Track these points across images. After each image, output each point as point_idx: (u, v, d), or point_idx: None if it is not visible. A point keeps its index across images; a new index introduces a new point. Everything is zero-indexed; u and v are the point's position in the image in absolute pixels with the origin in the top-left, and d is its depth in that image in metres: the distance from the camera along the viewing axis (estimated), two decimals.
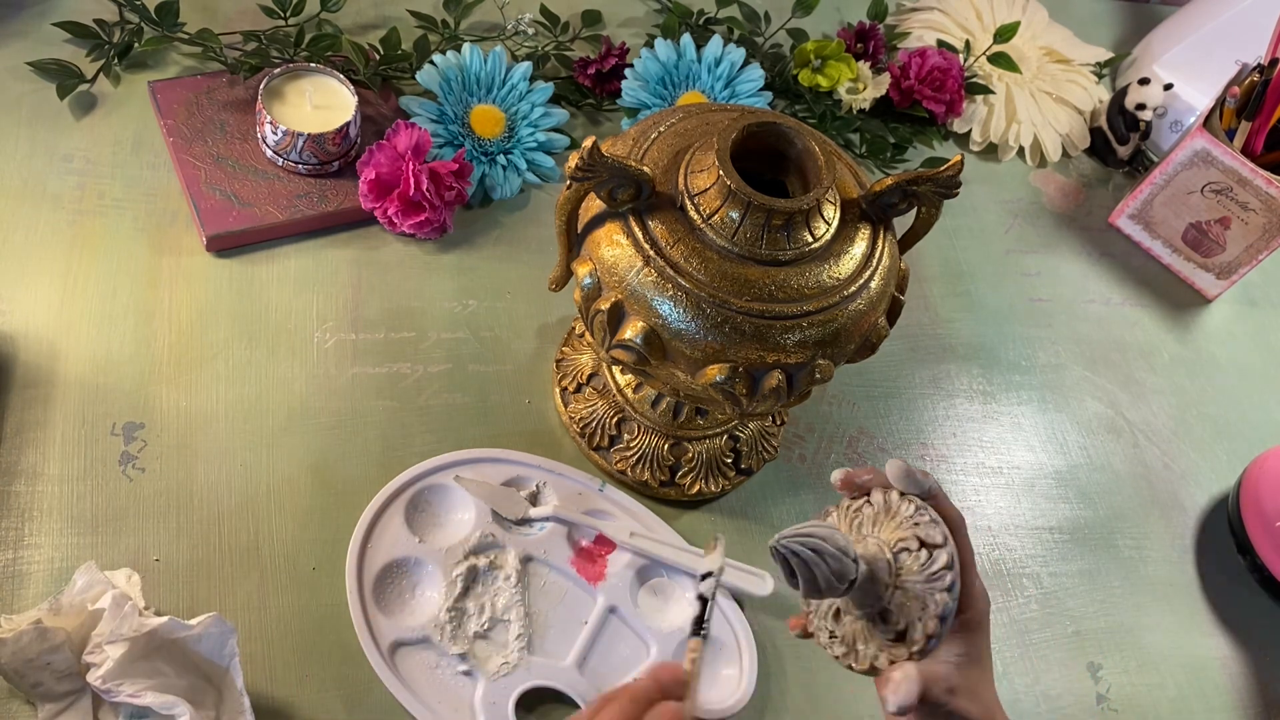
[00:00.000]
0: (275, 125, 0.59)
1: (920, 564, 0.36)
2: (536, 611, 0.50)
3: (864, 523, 0.39)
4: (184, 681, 0.42)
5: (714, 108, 0.49)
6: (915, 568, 0.36)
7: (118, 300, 0.55)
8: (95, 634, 0.41)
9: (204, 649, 0.42)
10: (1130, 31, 0.89)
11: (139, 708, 0.40)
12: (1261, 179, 0.67)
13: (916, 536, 0.37)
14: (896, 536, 0.37)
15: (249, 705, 0.42)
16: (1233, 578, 0.62)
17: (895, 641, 0.37)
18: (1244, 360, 0.72)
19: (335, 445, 0.54)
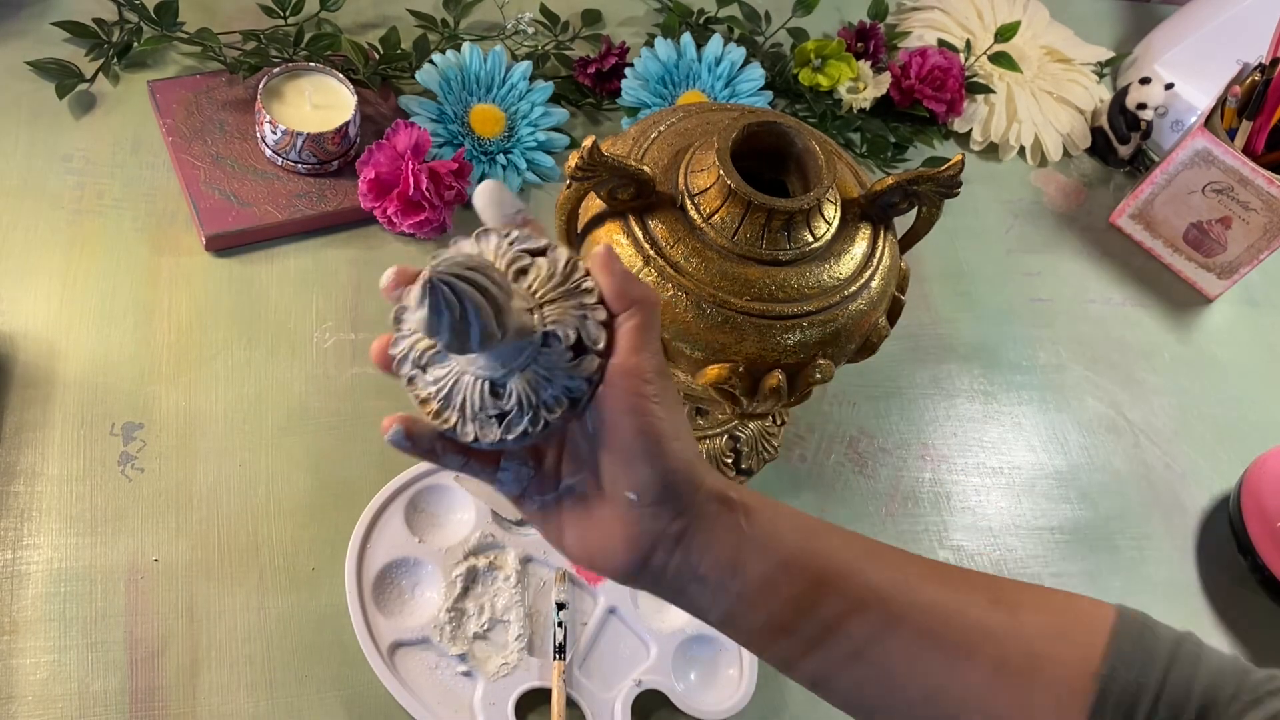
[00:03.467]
0: (275, 125, 0.59)
1: (548, 275, 0.30)
2: (536, 612, 0.50)
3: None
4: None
5: (714, 107, 0.49)
6: (545, 280, 0.30)
7: (117, 300, 0.55)
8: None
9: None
10: (1131, 31, 0.89)
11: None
12: (1262, 178, 0.67)
13: (524, 250, 0.30)
14: (504, 263, 0.30)
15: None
16: (1234, 578, 0.62)
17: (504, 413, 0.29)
18: (1245, 360, 0.72)
19: (335, 445, 0.53)
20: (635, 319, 0.30)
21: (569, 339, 0.29)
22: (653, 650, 0.50)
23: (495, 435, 0.30)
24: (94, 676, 0.45)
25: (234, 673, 0.47)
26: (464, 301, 0.27)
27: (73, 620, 0.46)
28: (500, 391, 0.30)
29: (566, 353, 0.29)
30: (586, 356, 0.30)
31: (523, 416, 0.29)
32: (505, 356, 0.29)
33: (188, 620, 0.47)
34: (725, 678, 0.50)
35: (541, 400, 0.29)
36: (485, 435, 0.30)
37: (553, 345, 0.29)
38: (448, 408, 0.30)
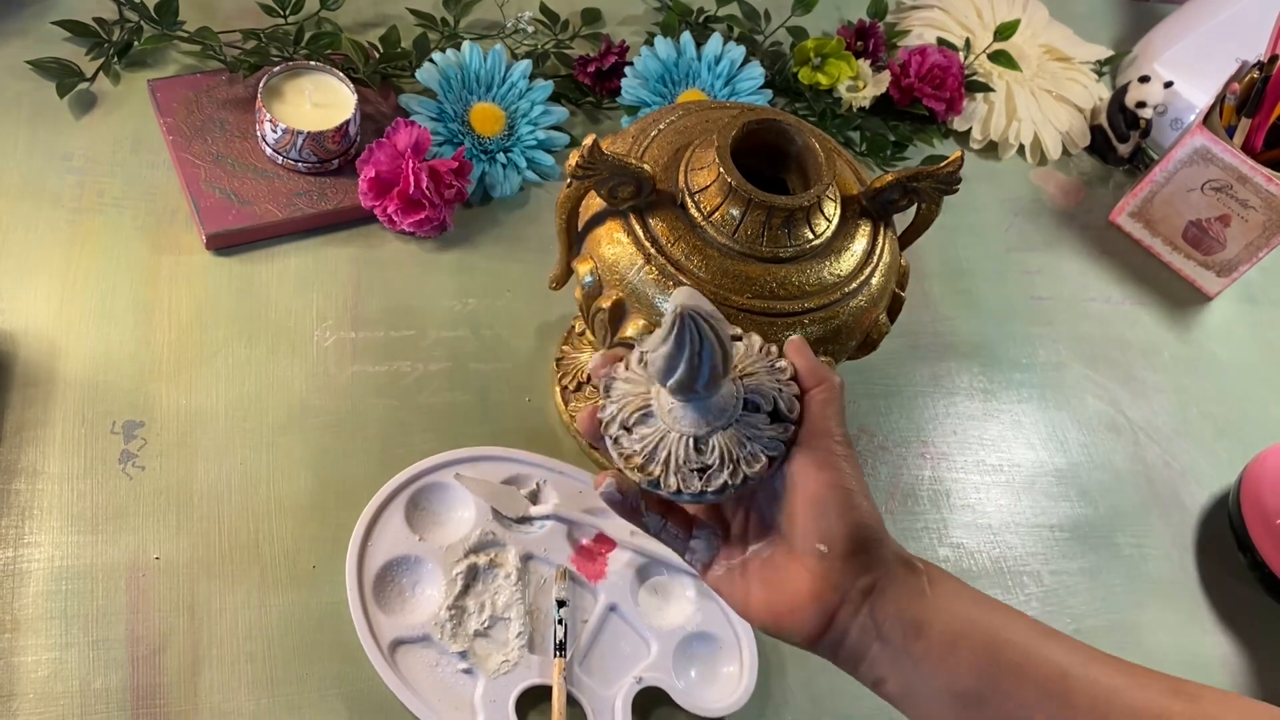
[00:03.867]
0: (275, 123, 0.59)
1: (745, 353, 0.34)
2: (536, 609, 0.50)
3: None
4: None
5: (714, 105, 0.49)
6: (744, 356, 0.34)
7: (117, 298, 0.55)
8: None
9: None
10: (1130, 29, 0.89)
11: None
12: (1261, 176, 0.67)
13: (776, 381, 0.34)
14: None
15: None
16: (1233, 575, 0.62)
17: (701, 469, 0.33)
18: (1244, 358, 0.72)
19: (335, 443, 0.54)
20: (826, 394, 0.33)
21: (767, 405, 0.33)
22: (653, 647, 0.50)
23: (696, 487, 0.33)
24: (95, 674, 0.45)
25: (235, 670, 0.47)
26: (704, 339, 0.31)
27: (74, 618, 0.46)
28: (703, 448, 0.33)
29: (764, 417, 0.33)
30: (781, 423, 0.33)
31: (723, 470, 0.33)
32: (711, 414, 0.33)
33: (189, 618, 0.47)
34: (726, 675, 0.50)
35: (741, 456, 0.33)
36: (687, 487, 0.33)
37: (752, 409, 0.33)
38: (652, 462, 0.33)
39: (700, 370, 0.31)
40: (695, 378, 0.31)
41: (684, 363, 0.31)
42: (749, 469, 0.32)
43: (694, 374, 0.31)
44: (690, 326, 0.30)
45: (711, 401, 0.33)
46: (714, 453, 0.33)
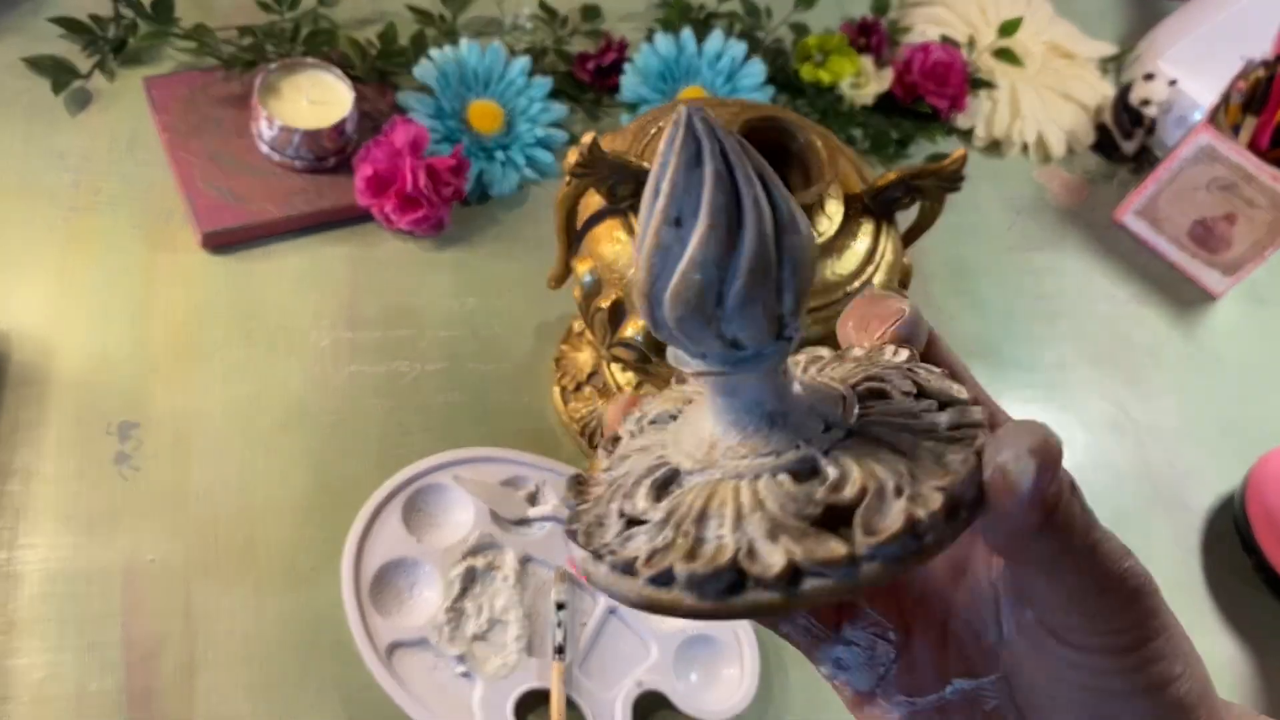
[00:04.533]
0: (271, 121, 0.58)
1: (920, 410, 0.19)
2: (535, 612, 0.50)
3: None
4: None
5: (714, 102, 0.48)
6: (910, 412, 0.19)
7: (113, 298, 0.55)
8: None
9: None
10: (1135, 27, 0.88)
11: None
12: (1267, 175, 0.66)
13: (915, 381, 0.19)
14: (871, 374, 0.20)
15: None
16: (1239, 577, 0.61)
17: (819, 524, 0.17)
18: (1250, 358, 0.72)
19: (332, 444, 0.53)
20: (1042, 453, 0.18)
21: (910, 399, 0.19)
22: (653, 650, 0.49)
23: (824, 554, 0.17)
24: (91, 677, 0.45)
25: (231, 673, 0.46)
26: (738, 165, 0.17)
27: (69, 620, 0.46)
28: (818, 471, 0.18)
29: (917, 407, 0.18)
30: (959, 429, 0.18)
31: (884, 509, 0.17)
32: (792, 411, 0.18)
33: (184, 620, 0.47)
34: (726, 678, 0.50)
35: (903, 483, 0.17)
36: (813, 559, 0.17)
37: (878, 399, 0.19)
38: (711, 527, 0.17)
39: (732, 254, 0.16)
40: (716, 275, 0.16)
41: (694, 233, 0.16)
42: (925, 508, 0.17)
43: (712, 265, 0.16)
44: (706, 131, 0.16)
45: (786, 392, 0.18)
46: (845, 479, 0.17)
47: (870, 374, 0.19)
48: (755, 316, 0.17)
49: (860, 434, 0.18)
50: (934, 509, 0.16)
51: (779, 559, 0.16)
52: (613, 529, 0.18)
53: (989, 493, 0.17)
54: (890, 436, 0.18)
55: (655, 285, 0.17)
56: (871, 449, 0.18)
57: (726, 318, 0.17)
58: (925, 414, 0.18)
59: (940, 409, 0.19)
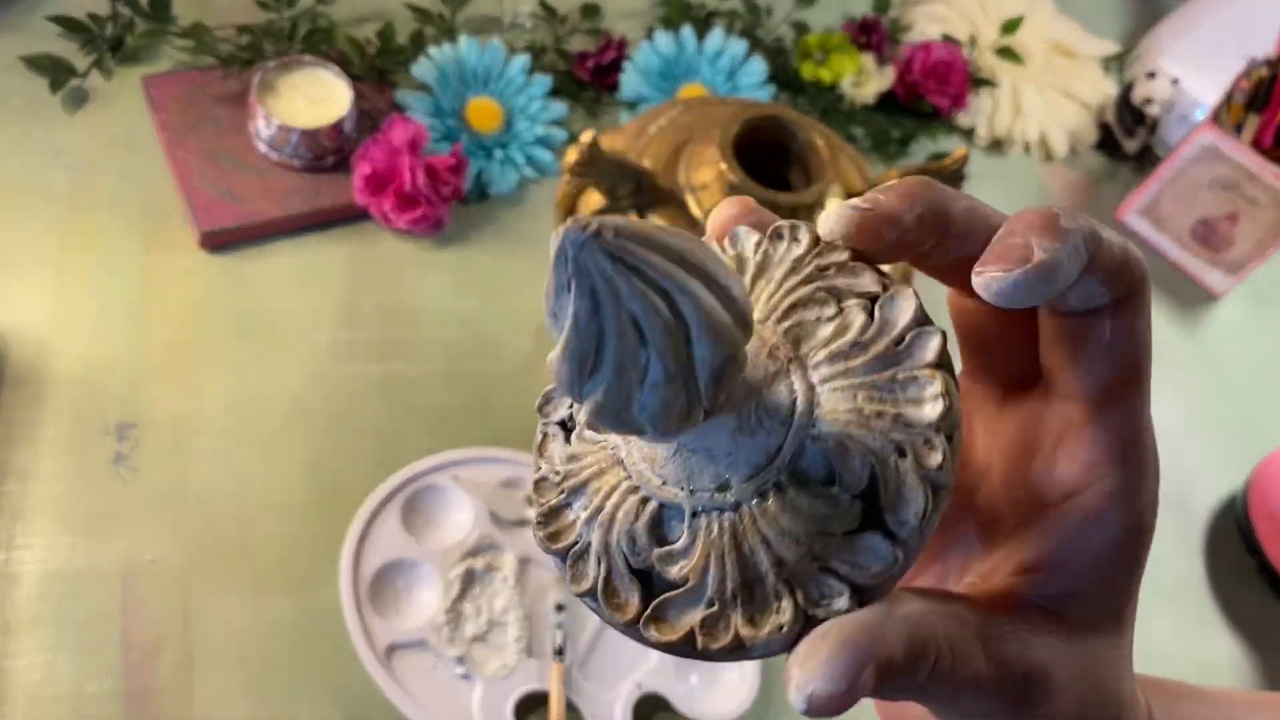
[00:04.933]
0: (269, 119, 0.58)
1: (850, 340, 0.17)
2: (535, 614, 0.49)
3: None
4: None
5: (714, 101, 0.48)
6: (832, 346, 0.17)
7: (110, 297, 0.55)
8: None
9: None
10: (1137, 25, 0.88)
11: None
12: (1270, 174, 0.66)
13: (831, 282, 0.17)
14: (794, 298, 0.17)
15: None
16: (1242, 578, 0.61)
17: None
18: (1252, 358, 0.71)
19: (330, 445, 0.53)
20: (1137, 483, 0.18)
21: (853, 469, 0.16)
22: (653, 652, 0.49)
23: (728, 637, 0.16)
24: (88, 678, 0.45)
25: (229, 675, 0.46)
26: (618, 283, 0.14)
27: (66, 621, 0.46)
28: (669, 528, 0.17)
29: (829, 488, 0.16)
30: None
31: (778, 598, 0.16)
32: (739, 453, 0.16)
33: (182, 622, 0.47)
34: (727, 681, 0.49)
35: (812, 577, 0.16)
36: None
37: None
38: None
39: (645, 374, 0.15)
40: (629, 394, 0.15)
41: (572, 320, 0.14)
42: (716, 640, 0.16)
43: (624, 389, 0.15)
44: (583, 261, 0.14)
45: (723, 429, 0.16)
46: (687, 555, 0.16)
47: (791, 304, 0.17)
48: (673, 424, 0.15)
49: (741, 513, 0.16)
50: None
51: (587, 584, 0.17)
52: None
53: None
54: (773, 537, 0.16)
55: (576, 395, 0.15)
56: (739, 541, 0.16)
57: (647, 426, 0.15)
58: (828, 519, 0.16)
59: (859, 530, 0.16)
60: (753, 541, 0.16)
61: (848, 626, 0.15)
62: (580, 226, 0.13)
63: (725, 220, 0.19)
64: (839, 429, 0.16)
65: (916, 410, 0.16)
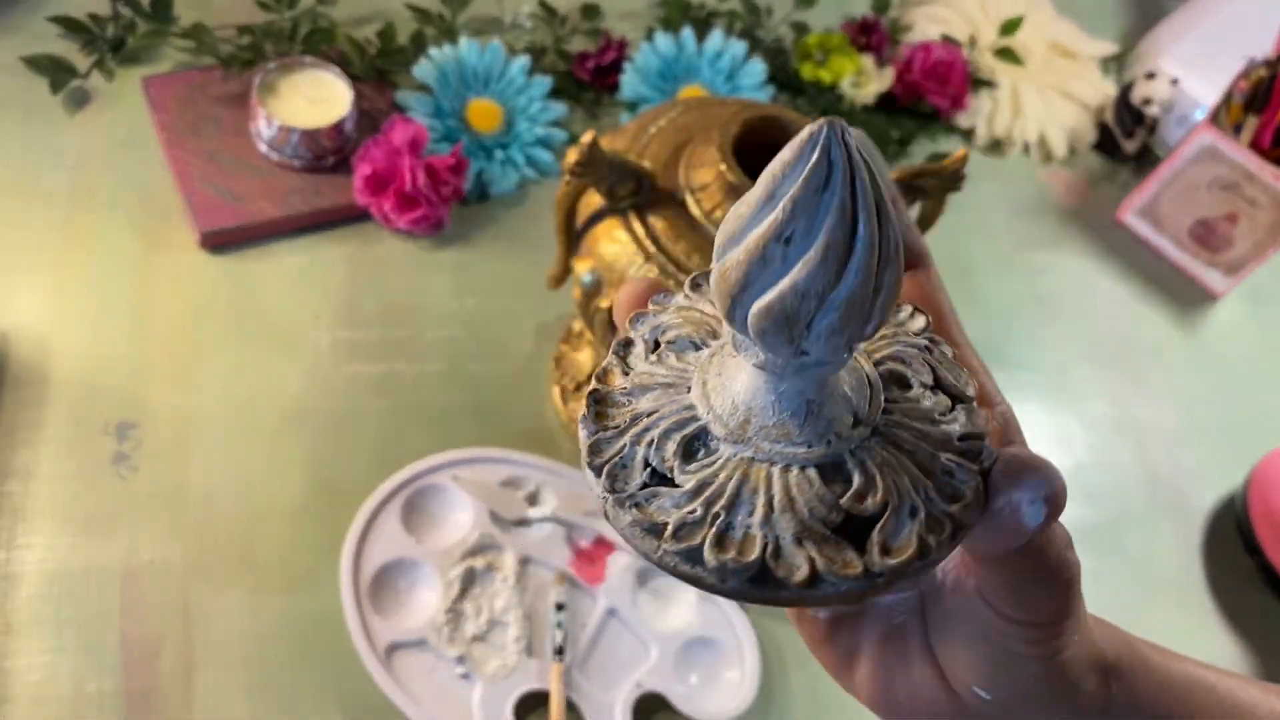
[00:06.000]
0: (270, 120, 0.58)
1: (937, 415, 0.19)
2: (535, 613, 0.49)
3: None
4: None
5: (714, 101, 0.48)
6: (928, 416, 0.19)
7: (111, 298, 0.55)
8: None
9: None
10: (1136, 25, 0.88)
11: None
12: (1269, 174, 0.66)
13: (931, 368, 0.20)
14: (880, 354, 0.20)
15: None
16: (1241, 578, 0.61)
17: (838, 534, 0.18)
18: (1252, 358, 0.71)
19: (331, 445, 0.53)
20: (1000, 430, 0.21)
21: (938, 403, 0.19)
22: (653, 652, 0.49)
23: (859, 567, 0.17)
24: (89, 678, 0.45)
25: (229, 674, 0.46)
26: (866, 187, 0.16)
27: (67, 621, 0.46)
28: (843, 476, 0.18)
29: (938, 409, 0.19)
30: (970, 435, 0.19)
31: (905, 520, 0.18)
32: (837, 407, 0.18)
33: (183, 621, 0.47)
34: (727, 680, 0.49)
35: (925, 496, 0.18)
36: (837, 569, 0.17)
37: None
38: (735, 510, 0.18)
39: (835, 289, 0.16)
40: (815, 306, 0.16)
41: (805, 260, 0.16)
42: (936, 535, 0.18)
43: (815, 297, 0.16)
44: (842, 156, 0.16)
45: (839, 375, 0.18)
46: (869, 488, 0.18)
47: (893, 351, 0.20)
48: (838, 344, 0.17)
49: (884, 435, 0.19)
50: (944, 536, 0.18)
51: (803, 566, 0.17)
52: (636, 478, 0.18)
53: (993, 519, 0.18)
54: (910, 443, 0.18)
55: (746, 293, 0.17)
56: (894, 457, 0.18)
57: (810, 340, 0.17)
58: (941, 419, 0.19)
59: (951, 408, 0.19)
60: (903, 449, 0.18)
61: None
62: (844, 126, 0.15)
63: (627, 299, 0.21)
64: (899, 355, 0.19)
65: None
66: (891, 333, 0.20)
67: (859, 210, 0.16)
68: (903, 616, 0.22)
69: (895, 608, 0.22)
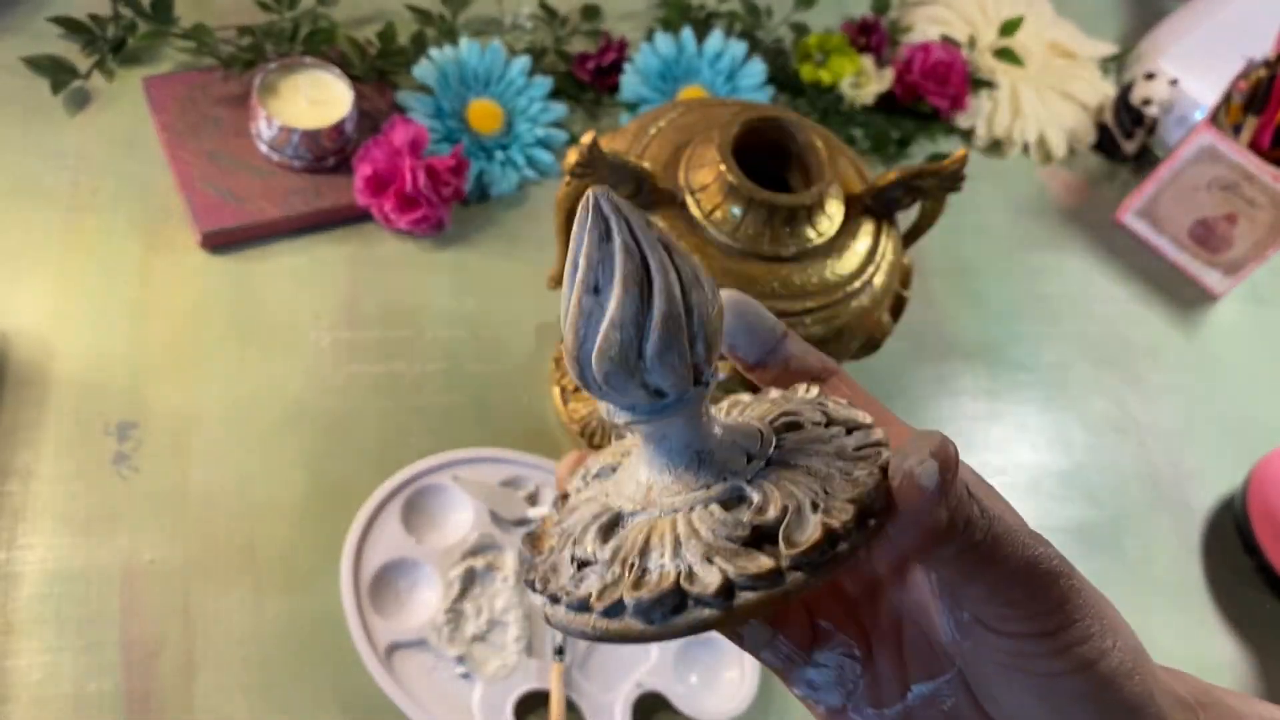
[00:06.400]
0: (270, 120, 0.58)
1: (830, 436, 0.21)
2: (535, 613, 0.49)
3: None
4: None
5: (714, 102, 0.48)
6: (821, 439, 0.21)
7: (111, 298, 0.55)
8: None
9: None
10: (1136, 26, 0.88)
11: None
12: (1268, 175, 0.66)
13: (824, 412, 0.21)
14: (780, 410, 0.22)
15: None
16: (1240, 578, 0.61)
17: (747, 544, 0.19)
18: (1251, 358, 0.72)
19: (331, 445, 0.53)
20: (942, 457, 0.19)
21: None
22: (653, 652, 0.49)
23: (757, 567, 0.18)
24: (89, 678, 0.45)
25: (229, 674, 0.46)
26: (634, 233, 0.18)
27: (67, 621, 0.46)
28: (741, 499, 0.20)
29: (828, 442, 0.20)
30: (861, 451, 0.20)
31: (803, 525, 0.19)
32: (717, 451, 0.20)
33: (183, 621, 0.47)
34: (726, 680, 0.50)
35: (814, 500, 0.19)
36: (740, 570, 0.18)
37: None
38: (656, 556, 0.19)
39: (646, 314, 0.18)
40: (635, 333, 0.18)
41: (610, 298, 0.18)
42: (839, 519, 0.19)
43: (629, 324, 0.18)
44: (612, 208, 0.18)
45: (709, 433, 0.20)
46: (768, 501, 0.19)
47: (784, 410, 0.22)
48: (673, 365, 0.19)
49: (778, 462, 0.20)
50: (847, 519, 0.19)
51: (715, 577, 0.18)
52: (565, 573, 0.20)
53: (898, 496, 0.19)
54: (804, 460, 0.20)
55: (582, 347, 0.19)
56: (789, 474, 0.20)
57: (648, 369, 0.19)
58: (834, 438, 0.20)
59: (848, 433, 0.21)
60: (797, 466, 0.20)
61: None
62: (597, 199, 0.18)
63: (566, 467, 0.24)
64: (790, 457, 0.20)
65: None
66: (783, 398, 0.22)
67: (642, 245, 0.18)
68: (950, 699, 0.22)
69: (940, 694, 0.21)
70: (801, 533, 0.18)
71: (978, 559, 0.19)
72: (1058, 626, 0.19)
